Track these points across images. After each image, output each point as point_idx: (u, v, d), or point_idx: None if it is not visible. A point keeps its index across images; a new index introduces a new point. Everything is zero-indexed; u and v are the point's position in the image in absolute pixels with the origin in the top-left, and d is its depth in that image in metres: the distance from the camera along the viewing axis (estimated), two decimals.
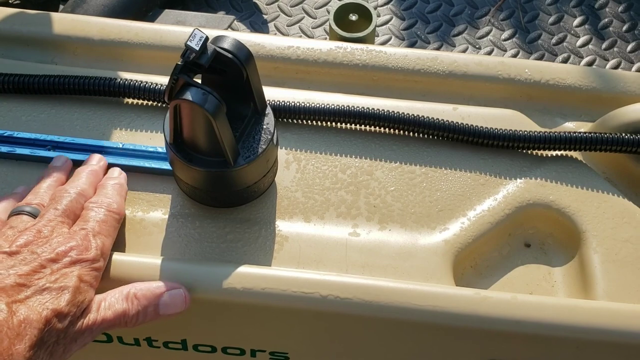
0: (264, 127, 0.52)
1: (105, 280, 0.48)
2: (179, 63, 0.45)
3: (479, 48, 1.03)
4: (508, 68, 0.68)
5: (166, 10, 0.94)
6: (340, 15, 0.73)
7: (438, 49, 1.03)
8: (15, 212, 0.50)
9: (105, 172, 0.56)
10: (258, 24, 1.04)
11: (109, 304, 0.46)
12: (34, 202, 0.51)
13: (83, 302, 0.44)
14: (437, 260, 0.55)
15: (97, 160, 0.56)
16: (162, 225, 0.55)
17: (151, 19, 0.93)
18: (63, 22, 0.68)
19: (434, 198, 0.59)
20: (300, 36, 1.03)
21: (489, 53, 1.03)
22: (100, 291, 0.47)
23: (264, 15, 1.04)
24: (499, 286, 0.57)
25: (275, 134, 0.54)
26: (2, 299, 0.42)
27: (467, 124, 0.61)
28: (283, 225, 0.56)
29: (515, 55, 1.02)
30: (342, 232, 0.56)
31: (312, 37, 1.03)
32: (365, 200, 0.58)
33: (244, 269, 0.49)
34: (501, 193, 0.60)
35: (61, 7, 0.94)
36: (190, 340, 0.54)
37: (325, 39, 1.04)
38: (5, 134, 0.58)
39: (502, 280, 0.58)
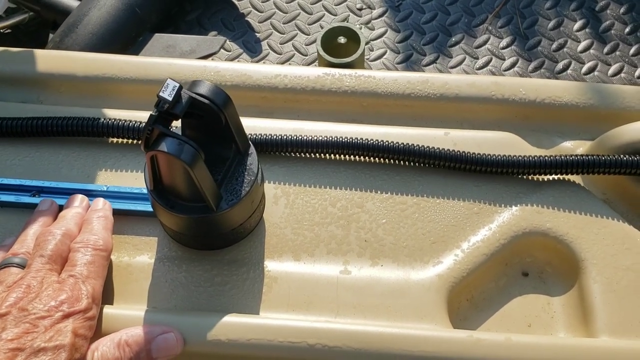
0: (247, 167, 0.51)
1: (96, 334, 0.47)
2: (153, 113, 0.44)
3: (477, 58, 1.01)
4: (502, 88, 0.66)
5: (156, 34, 0.93)
6: (329, 39, 0.72)
7: (435, 60, 1.01)
8: (3, 265, 0.49)
9: (87, 212, 0.55)
10: (251, 43, 1.02)
11: (101, 354, 0.45)
12: (21, 251, 0.50)
13: (79, 358, 0.44)
14: (431, 296, 0.53)
15: (79, 202, 0.55)
16: (149, 270, 0.54)
17: (141, 44, 0.92)
18: (47, 59, 0.67)
19: (426, 230, 0.57)
20: (294, 54, 1.01)
21: (487, 62, 1.01)
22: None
23: (256, 34, 1.03)
24: (497, 319, 0.56)
25: (260, 173, 0.52)
26: None
27: (460, 151, 0.59)
28: (272, 265, 0.55)
29: (514, 64, 1.00)
30: (332, 270, 0.55)
31: (306, 55, 1.02)
32: (356, 235, 0.57)
33: (230, 319, 0.48)
34: (496, 222, 0.58)
35: (50, 35, 0.93)
36: None
37: None
38: None
39: (499, 312, 0.56)
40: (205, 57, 0.91)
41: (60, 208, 0.55)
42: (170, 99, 0.43)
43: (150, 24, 0.95)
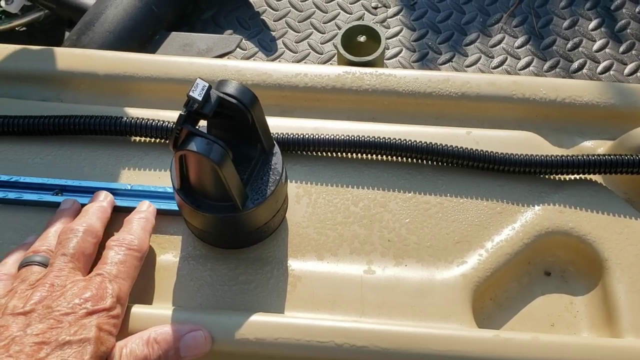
0: (272, 166, 0.51)
1: (123, 333, 0.47)
2: (182, 113, 0.44)
3: (492, 57, 1.01)
4: (522, 87, 0.66)
5: (173, 33, 0.93)
6: (348, 38, 0.72)
7: (450, 59, 1.01)
8: (25, 263, 0.49)
9: (112, 209, 0.55)
10: (266, 42, 1.02)
11: (130, 350, 0.45)
12: (42, 248, 0.50)
13: (105, 352, 0.44)
14: (456, 296, 0.53)
15: (103, 197, 0.55)
16: (174, 269, 0.54)
17: (158, 42, 0.92)
18: (67, 57, 0.67)
19: (450, 229, 0.57)
20: (310, 52, 1.01)
21: (503, 61, 1.01)
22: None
23: (272, 32, 1.03)
24: (520, 318, 0.56)
25: (284, 172, 0.52)
26: None
27: (483, 150, 0.59)
28: (295, 264, 0.55)
29: (529, 63, 1.00)
30: (356, 269, 0.55)
31: (322, 53, 1.02)
32: (380, 235, 0.57)
33: (256, 318, 0.48)
34: (519, 221, 0.58)
35: (67, 33, 0.93)
36: None
37: (335, 54, 1.03)
38: (12, 180, 0.58)
39: (522, 312, 0.56)
40: (221, 56, 0.91)
41: (83, 207, 0.55)
42: (200, 98, 0.43)
43: (167, 22, 0.95)
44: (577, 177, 0.61)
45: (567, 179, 0.61)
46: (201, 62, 0.68)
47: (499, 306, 0.56)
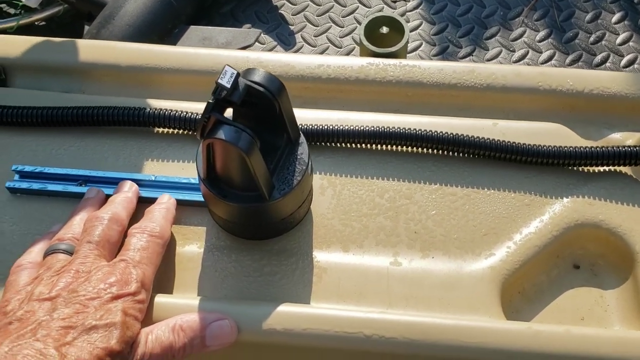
0: (298, 156, 0.51)
1: (148, 322, 0.47)
2: (211, 101, 0.43)
3: (513, 51, 1.00)
4: (549, 78, 0.65)
5: (192, 26, 0.93)
6: (371, 29, 0.71)
7: (471, 53, 1.00)
8: (51, 251, 0.49)
9: (137, 199, 0.55)
10: (285, 36, 1.02)
11: (155, 336, 0.45)
12: (67, 236, 0.50)
13: (131, 337, 0.43)
14: (484, 288, 0.52)
15: (128, 187, 0.55)
16: (198, 259, 0.54)
17: (177, 36, 0.92)
18: (89, 49, 0.67)
19: (477, 221, 0.56)
20: (328, 46, 1.01)
21: (524, 55, 1.00)
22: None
23: (290, 27, 1.02)
24: (549, 312, 0.55)
25: (310, 163, 0.52)
26: (49, 344, 0.41)
27: (511, 142, 0.58)
28: (321, 256, 0.54)
29: (551, 57, 0.99)
30: (382, 261, 0.54)
31: (340, 47, 1.01)
32: (406, 226, 0.56)
33: (284, 308, 0.48)
34: (547, 214, 0.57)
35: (86, 27, 0.93)
36: None
37: (354, 48, 1.02)
38: (36, 170, 0.57)
39: (551, 305, 0.55)
40: (240, 49, 0.91)
41: (108, 197, 0.55)
42: (228, 86, 0.43)
43: (186, 15, 0.95)
44: (606, 169, 0.59)
45: (596, 171, 0.59)
46: (223, 53, 0.67)
47: (527, 299, 0.55)
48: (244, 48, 0.93)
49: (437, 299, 0.52)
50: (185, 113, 0.59)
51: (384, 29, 0.71)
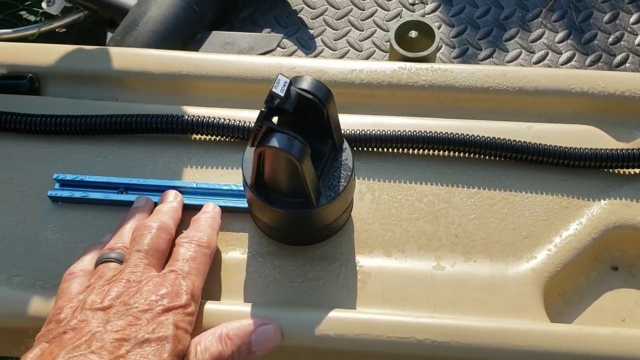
0: (343, 162, 0.51)
1: (197, 329, 0.47)
2: (263, 110, 0.44)
3: (533, 52, 1.00)
4: (580, 81, 0.65)
5: (214, 32, 0.93)
6: (400, 34, 0.71)
7: (490, 55, 1.00)
8: (102, 260, 0.49)
9: (182, 208, 0.55)
10: (305, 40, 1.02)
11: (204, 347, 0.45)
12: (118, 245, 0.50)
13: (182, 350, 0.44)
14: (527, 291, 0.53)
15: (173, 197, 0.55)
16: (242, 265, 0.54)
17: (199, 41, 0.92)
18: (122, 57, 0.68)
19: (517, 225, 0.57)
20: (349, 50, 1.01)
21: (544, 56, 1.00)
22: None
23: (310, 31, 1.03)
24: (590, 314, 0.55)
25: (354, 168, 0.52)
26: (104, 357, 0.41)
27: (548, 145, 0.59)
28: (364, 261, 0.55)
29: (571, 58, 0.99)
30: (425, 265, 0.54)
31: (361, 50, 1.01)
32: (446, 230, 0.56)
33: (335, 314, 0.48)
34: (585, 216, 0.57)
35: (109, 34, 0.93)
36: None
37: (374, 51, 1.02)
38: (77, 179, 0.58)
39: (591, 307, 0.56)
40: (262, 54, 0.91)
41: (155, 205, 0.56)
42: (282, 94, 0.43)
43: (208, 21, 0.95)
44: None
45: (632, 173, 0.60)
46: (255, 60, 0.67)
47: (567, 302, 0.56)
48: (266, 53, 0.93)
49: (481, 302, 0.52)
50: (225, 120, 0.60)
51: (413, 34, 0.72)
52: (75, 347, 0.42)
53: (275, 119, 0.49)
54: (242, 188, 0.57)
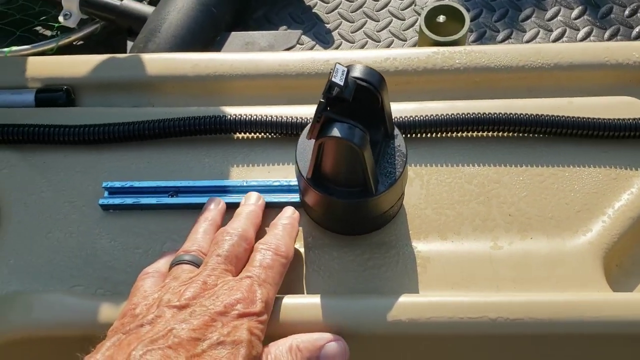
0: (396, 148, 0.51)
1: (270, 323, 0.47)
2: (322, 100, 0.44)
3: (550, 30, 1.00)
4: (614, 53, 0.65)
5: (233, 33, 0.93)
6: (429, 19, 0.71)
7: (509, 36, 1.00)
8: (176, 262, 0.49)
9: (263, 211, 0.55)
10: (322, 34, 1.02)
11: (274, 356, 0.45)
12: (193, 248, 0.50)
13: (256, 356, 0.43)
14: (587, 264, 0.53)
15: (255, 199, 0.55)
16: (301, 259, 0.54)
17: (219, 43, 0.92)
18: (155, 62, 0.68)
19: (569, 199, 0.57)
20: (367, 41, 1.01)
21: (562, 34, 1.00)
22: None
23: (326, 25, 1.03)
24: None
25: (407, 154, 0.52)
26: (181, 353, 0.41)
27: (593, 118, 0.59)
28: (421, 246, 0.55)
29: (589, 33, 0.99)
30: (483, 246, 0.54)
31: (379, 41, 1.01)
32: (499, 210, 0.56)
33: (405, 299, 0.48)
34: (636, 185, 0.57)
35: (129, 43, 0.93)
36: None
37: (393, 41, 1.02)
38: (127, 185, 0.58)
39: None
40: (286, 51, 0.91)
41: (228, 205, 0.55)
42: (342, 83, 0.43)
43: (225, 23, 0.95)
44: None
45: None
46: (288, 56, 0.67)
47: (625, 272, 0.56)
48: (286, 50, 0.93)
49: (543, 278, 0.52)
50: (268, 117, 0.60)
51: (441, 18, 0.72)
52: (153, 340, 0.42)
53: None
54: (291, 183, 0.57)
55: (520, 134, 0.60)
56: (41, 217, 0.57)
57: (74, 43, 1.02)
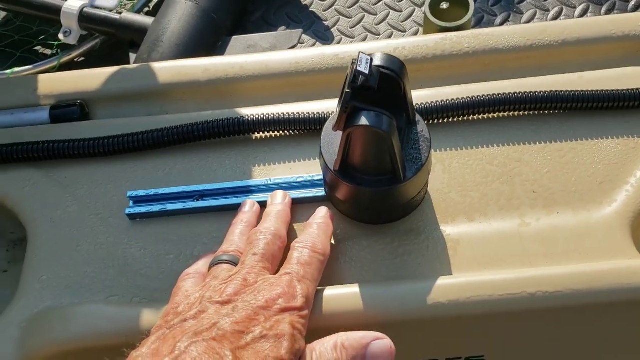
0: (420, 134, 0.52)
1: (312, 317, 0.47)
2: (348, 90, 0.44)
3: (547, 10, 1.01)
4: (620, 25, 0.66)
5: (234, 37, 0.93)
6: (433, 6, 0.72)
7: (507, 19, 1.01)
8: (216, 263, 0.50)
9: (291, 208, 0.55)
10: (322, 32, 1.03)
11: (320, 353, 0.45)
12: (231, 249, 0.51)
13: (299, 350, 0.44)
14: (616, 234, 0.53)
15: (282, 198, 0.55)
16: (332, 251, 0.54)
17: (221, 48, 0.93)
18: (165, 70, 0.68)
19: (590, 172, 0.57)
20: (367, 35, 1.02)
21: (559, 13, 1.01)
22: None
23: (324, 22, 1.03)
24: None
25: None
26: (226, 345, 0.41)
27: (606, 90, 0.59)
28: (449, 229, 0.55)
29: (586, 10, 1.00)
30: (510, 225, 0.55)
31: (378, 34, 1.02)
32: (523, 188, 0.57)
33: (442, 281, 0.48)
34: None
35: (132, 55, 0.93)
36: None
37: (392, 33, 1.03)
38: (151, 193, 0.58)
39: None
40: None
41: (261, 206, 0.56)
42: (367, 72, 0.43)
43: (225, 28, 0.95)
44: None
45: None
46: (298, 54, 0.68)
47: None
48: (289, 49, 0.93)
49: (573, 251, 0.53)
50: (286, 115, 0.60)
51: (444, 5, 0.72)
52: (198, 332, 0.42)
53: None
54: (316, 178, 0.57)
55: (536, 112, 0.61)
56: (69, 231, 0.58)
57: (75, 60, 1.02)
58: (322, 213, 0.53)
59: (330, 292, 0.49)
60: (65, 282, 0.55)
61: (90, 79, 0.68)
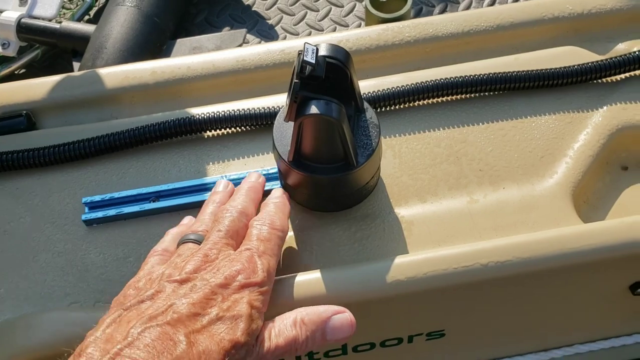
0: (369, 121, 0.53)
1: (272, 303, 0.48)
2: (296, 80, 0.45)
3: None
4: (550, 8, 0.69)
5: (179, 40, 0.93)
6: (373, 0, 0.74)
7: (444, 10, 1.04)
8: (183, 241, 0.50)
9: (263, 189, 0.55)
10: (266, 31, 1.04)
11: (278, 330, 0.45)
12: (200, 229, 0.51)
13: (256, 330, 0.44)
14: (559, 204, 0.56)
15: (255, 177, 0.56)
16: (291, 243, 0.56)
17: (167, 52, 0.92)
18: (112, 75, 0.68)
19: (531, 147, 0.60)
20: (311, 32, 1.03)
21: (493, 1, 1.04)
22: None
23: (267, 21, 1.04)
24: (616, 213, 0.59)
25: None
26: (180, 330, 0.41)
27: (541, 70, 0.62)
28: (403, 211, 0.57)
29: None
30: (460, 202, 0.57)
31: (322, 30, 1.04)
32: (470, 167, 0.59)
33: (399, 260, 0.50)
34: (590, 126, 0.61)
35: (75, 64, 0.92)
36: (350, 343, 0.55)
37: (335, 28, 1.05)
38: (106, 198, 0.58)
39: (615, 207, 0.60)
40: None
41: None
42: (314, 61, 0.45)
43: (169, 31, 0.95)
44: (625, 75, 0.64)
45: (617, 80, 0.64)
46: (244, 52, 0.68)
47: (593, 207, 0.60)
48: None
49: (521, 222, 0.55)
50: (236, 111, 0.61)
51: None
52: (152, 317, 0.42)
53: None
54: (271, 171, 0.58)
55: (477, 94, 0.63)
56: (25, 242, 0.57)
57: (15, 72, 1.00)
58: (277, 193, 0.54)
59: (292, 279, 0.50)
60: (25, 293, 0.55)
61: (35, 89, 0.67)
